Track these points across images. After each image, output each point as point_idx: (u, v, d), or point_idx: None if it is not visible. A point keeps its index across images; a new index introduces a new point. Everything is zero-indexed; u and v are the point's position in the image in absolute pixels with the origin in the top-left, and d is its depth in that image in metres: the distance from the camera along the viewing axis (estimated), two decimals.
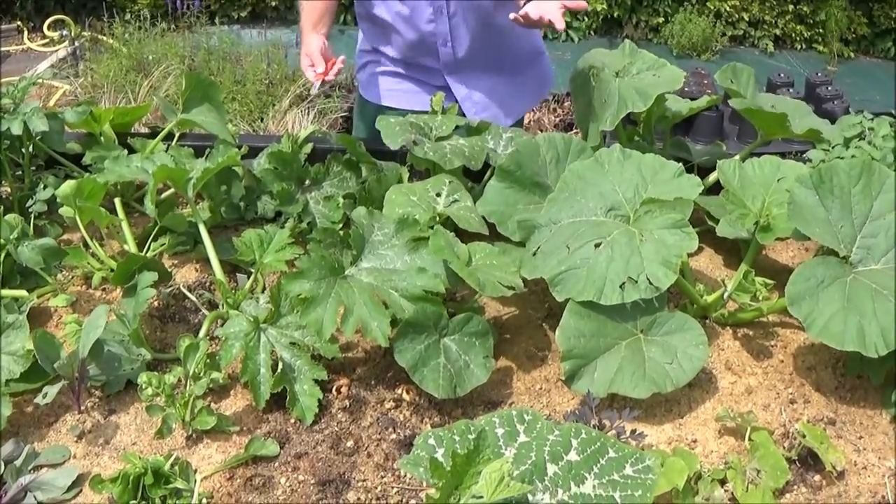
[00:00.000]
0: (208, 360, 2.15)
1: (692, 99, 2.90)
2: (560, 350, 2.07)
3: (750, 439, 1.96)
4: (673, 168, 2.27)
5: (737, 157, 2.68)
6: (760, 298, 2.18)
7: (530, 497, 1.46)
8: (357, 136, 3.25)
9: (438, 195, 2.39)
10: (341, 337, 2.21)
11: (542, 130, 3.82)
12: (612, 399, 2.07)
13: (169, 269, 2.54)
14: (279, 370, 2.11)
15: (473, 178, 2.71)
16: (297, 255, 2.35)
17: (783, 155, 2.88)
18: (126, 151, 2.73)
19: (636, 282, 2.05)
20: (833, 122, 2.79)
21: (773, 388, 2.16)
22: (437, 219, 2.31)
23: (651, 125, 2.78)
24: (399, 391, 2.17)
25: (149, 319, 2.39)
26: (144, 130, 3.20)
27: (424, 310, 2.08)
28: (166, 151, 2.71)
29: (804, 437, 1.94)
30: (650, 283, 2.04)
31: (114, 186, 2.77)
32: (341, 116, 3.88)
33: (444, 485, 1.41)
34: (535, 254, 2.22)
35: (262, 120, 3.84)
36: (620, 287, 2.05)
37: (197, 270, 2.56)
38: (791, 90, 4.04)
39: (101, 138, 2.89)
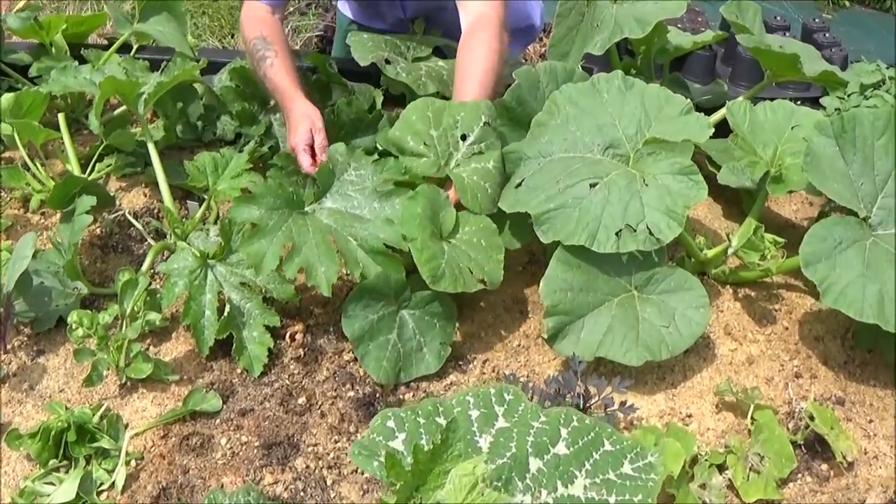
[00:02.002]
0: (148, 299, 1.79)
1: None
2: (543, 304, 1.70)
3: (752, 419, 1.63)
4: (680, 103, 1.89)
5: (741, 98, 2.30)
6: (769, 257, 1.82)
7: (508, 498, 1.10)
8: (335, 54, 2.82)
9: (464, 138, 1.89)
10: (300, 277, 1.83)
11: (525, 60, 3.38)
12: (598, 362, 1.73)
13: (115, 193, 2.16)
14: (226, 313, 1.75)
15: None
16: (254, 182, 1.97)
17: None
18: (77, 63, 2.29)
19: (634, 230, 1.69)
20: None
21: (776, 359, 1.82)
22: (440, 171, 1.86)
23: (651, 58, 2.39)
24: None
25: (89, 248, 2.01)
26: (103, 42, 2.73)
27: (387, 277, 1.72)
28: (120, 63, 2.27)
29: (812, 419, 1.61)
30: (651, 233, 1.68)
31: (63, 101, 2.37)
32: (316, 35, 3.43)
33: (402, 487, 1.05)
34: (518, 186, 1.83)
35: (232, 36, 3.40)
36: (616, 235, 1.69)
37: (146, 195, 2.17)
38: (787, 34, 3.63)
39: (52, 49, 2.44)
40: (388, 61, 2.06)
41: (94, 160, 2.16)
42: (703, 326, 1.71)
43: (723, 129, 2.09)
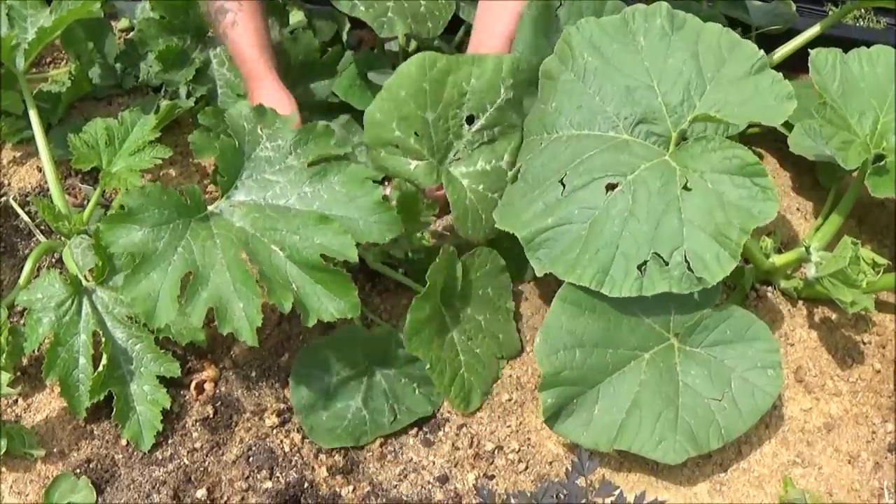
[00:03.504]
0: (11, 338, 1.21)
1: None
2: (540, 369, 1.08)
3: None
4: (749, 56, 1.22)
5: (811, 32, 1.56)
6: (864, 285, 1.15)
7: None
8: None
9: (472, 120, 1.26)
10: None
11: None
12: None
13: (5, 168, 1.54)
14: (104, 362, 1.16)
15: None
16: (163, 159, 1.34)
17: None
18: None
19: (666, 263, 1.04)
20: None
21: (864, 422, 1.22)
22: (437, 177, 1.25)
23: None
24: (289, 392, 1.20)
25: None
26: None
27: (357, 329, 1.18)
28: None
29: None
30: (689, 268, 1.02)
31: None
32: None
33: None
34: (513, 180, 1.19)
35: None
36: (639, 269, 1.04)
37: (41, 170, 1.55)
38: None
39: None
40: None
41: None
42: (772, 397, 1.11)
43: (791, 64, 1.44)
